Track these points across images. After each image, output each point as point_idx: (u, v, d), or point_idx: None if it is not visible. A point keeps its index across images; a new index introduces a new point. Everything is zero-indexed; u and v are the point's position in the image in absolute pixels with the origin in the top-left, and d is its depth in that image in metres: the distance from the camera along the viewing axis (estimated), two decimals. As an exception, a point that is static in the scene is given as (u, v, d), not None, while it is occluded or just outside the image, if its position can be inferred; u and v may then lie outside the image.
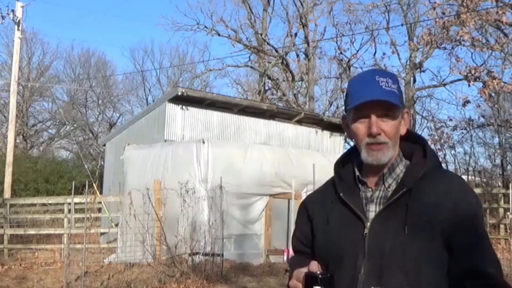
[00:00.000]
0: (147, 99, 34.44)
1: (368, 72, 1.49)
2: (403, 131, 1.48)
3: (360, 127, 1.43)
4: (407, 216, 1.36)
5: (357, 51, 22.87)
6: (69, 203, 12.22)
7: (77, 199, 12.11)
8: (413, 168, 1.44)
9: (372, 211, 1.43)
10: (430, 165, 1.43)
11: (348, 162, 1.55)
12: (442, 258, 1.35)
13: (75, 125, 32.28)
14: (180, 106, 12.20)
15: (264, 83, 24.80)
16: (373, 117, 1.40)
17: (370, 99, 1.39)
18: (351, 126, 1.46)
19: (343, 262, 1.41)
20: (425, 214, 1.35)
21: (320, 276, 1.26)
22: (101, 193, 16.07)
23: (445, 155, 20.73)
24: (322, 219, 1.51)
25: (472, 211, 1.37)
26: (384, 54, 26.32)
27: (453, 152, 21.45)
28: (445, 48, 14.86)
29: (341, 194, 1.48)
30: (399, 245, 1.34)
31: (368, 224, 1.40)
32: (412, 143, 1.50)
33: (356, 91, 1.43)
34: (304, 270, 1.31)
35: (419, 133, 1.69)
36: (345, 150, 1.61)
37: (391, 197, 1.40)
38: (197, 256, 9.14)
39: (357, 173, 1.50)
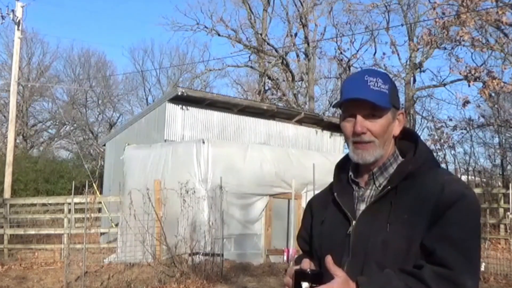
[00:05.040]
0: (147, 99, 34.50)
1: (359, 72, 1.52)
2: (396, 131, 1.48)
3: (347, 125, 1.45)
4: (390, 214, 1.37)
5: (357, 51, 22.94)
6: (69, 203, 12.21)
7: (77, 199, 12.10)
8: (402, 167, 1.45)
9: (361, 210, 1.45)
10: (419, 163, 1.42)
11: (347, 163, 1.57)
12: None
13: (75, 125, 32.29)
14: (180, 106, 12.20)
15: (264, 83, 24.80)
16: (358, 116, 1.42)
17: (352, 97, 1.41)
18: (340, 124, 1.49)
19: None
20: (407, 212, 1.35)
21: (309, 272, 1.27)
22: (101, 193, 16.07)
23: (445, 155, 20.78)
24: (319, 219, 1.57)
25: (456, 197, 1.32)
26: (384, 54, 26.37)
27: (453, 152, 21.50)
28: (445, 48, 14.87)
29: (335, 194, 1.52)
30: (380, 242, 1.35)
31: (354, 222, 1.43)
32: (411, 142, 1.51)
33: (344, 90, 1.46)
34: (296, 267, 1.33)
35: (419, 133, 1.68)
36: (347, 151, 1.62)
37: (377, 195, 1.42)
38: (197, 256, 9.14)
39: (350, 173, 1.52)
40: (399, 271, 1.28)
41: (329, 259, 1.26)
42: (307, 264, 1.33)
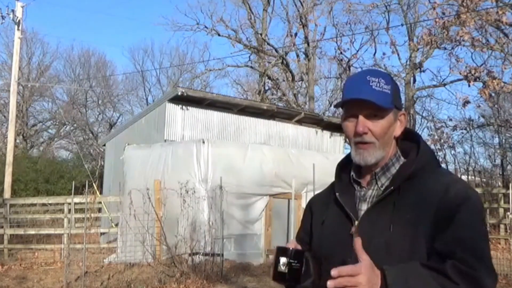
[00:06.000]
0: (147, 99, 34.51)
1: (361, 72, 1.51)
2: (397, 132, 1.48)
3: (349, 125, 1.45)
4: (393, 214, 1.37)
5: (357, 51, 22.89)
6: (69, 203, 12.22)
7: (77, 199, 12.11)
8: (404, 167, 1.45)
9: (363, 210, 1.45)
10: (421, 163, 1.43)
11: (349, 163, 1.57)
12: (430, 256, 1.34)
13: (75, 125, 32.29)
14: (180, 106, 12.20)
15: (264, 83, 24.81)
16: (360, 116, 1.41)
17: (353, 97, 1.40)
18: (342, 124, 1.49)
19: (333, 261, 1.40)
20: (410, 212, 1.35)
21: (290, 248, 1.28)
22: (101, 193, 16.07)
23: (445, 155, 20.80)
24: (320, 219, 1.56)
25: (461, 199, 1.33)
26: (384, 54, 26.46)
27: (453, 152, 21.52)
28: (445, 48, 14.85)
29: (337, 194, 1.51)
30: (384, 243, 1.35)
31: (356, 222, 1.42)
32: (412, 142, 1.51)
33: (346, 89, 1.46)
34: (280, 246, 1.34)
35: (418, 133, 1.68)
36: (347, 151, 1.62)
37: (379, 196, 1.42)
38: (197, 256, 9.14)
39: (352, 173, 1.52)
40: (421, 265, 1.27)
41: (358, 241, 1.24)
42: (292, 244, 1.33)
